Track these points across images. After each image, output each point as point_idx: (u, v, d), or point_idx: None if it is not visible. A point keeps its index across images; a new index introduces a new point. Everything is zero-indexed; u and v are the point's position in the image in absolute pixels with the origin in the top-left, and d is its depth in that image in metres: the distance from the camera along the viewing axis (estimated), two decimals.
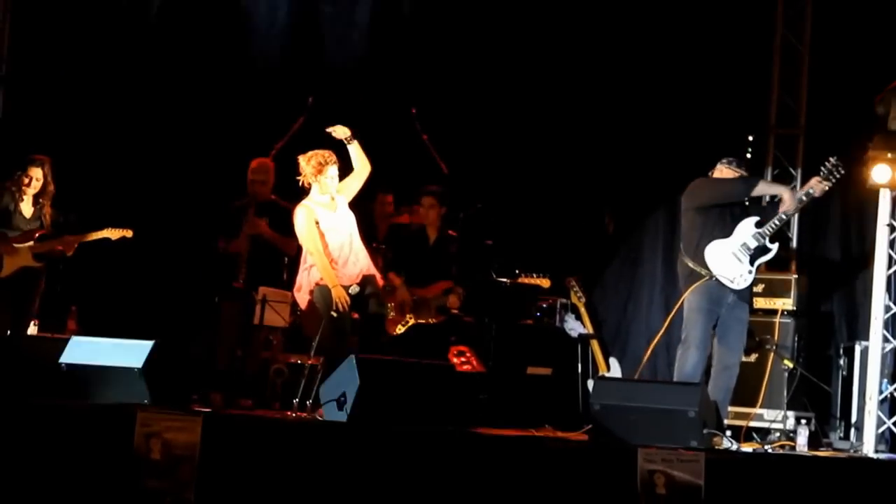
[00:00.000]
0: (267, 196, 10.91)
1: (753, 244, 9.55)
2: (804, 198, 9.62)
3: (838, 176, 9.57)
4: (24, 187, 10.56)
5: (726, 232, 9.59)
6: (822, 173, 9.57)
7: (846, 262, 11.92)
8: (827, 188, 9.58)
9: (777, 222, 9.56)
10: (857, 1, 11.79)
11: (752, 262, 9.56)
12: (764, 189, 10.09)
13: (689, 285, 9.61)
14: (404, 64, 12.58)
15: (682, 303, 9.64)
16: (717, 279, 9.53)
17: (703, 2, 12.16)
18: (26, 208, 10.63)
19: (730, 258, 9.57)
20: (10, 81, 13.02)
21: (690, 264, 9.61)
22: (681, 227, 9.87)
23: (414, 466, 8.09)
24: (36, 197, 10.63)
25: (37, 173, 10.58)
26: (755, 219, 9.61)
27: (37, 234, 10.53)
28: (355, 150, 9.77)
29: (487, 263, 11.37)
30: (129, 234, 10.61)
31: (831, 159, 9.58)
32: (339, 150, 9.81)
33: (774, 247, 9.63)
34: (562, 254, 12.08)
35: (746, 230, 9.59)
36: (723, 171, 9.70)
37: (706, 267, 9.55)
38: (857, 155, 10.83)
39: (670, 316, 9.84)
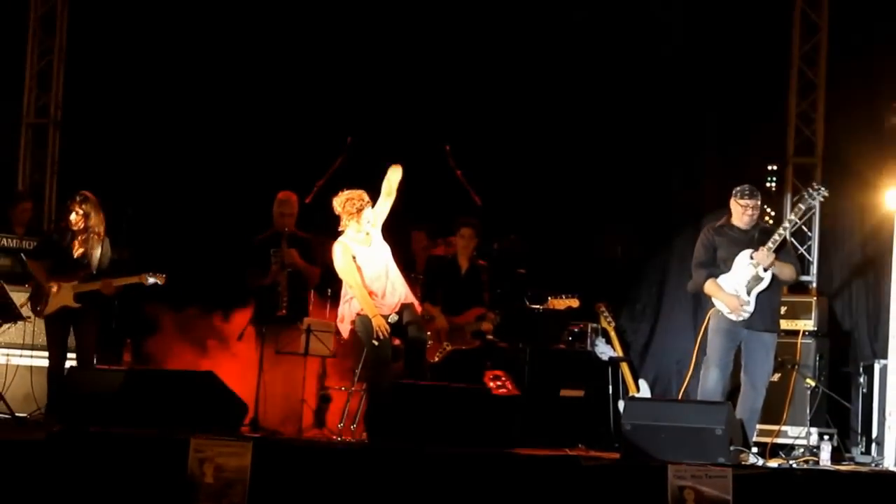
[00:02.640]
0: (292, 228, 11.02)
1: (747, 276, 9.58)
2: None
3: (821, 199, 9.78)
4: (70, 227, 10.39)
5: (729, 267, 9.64)
6: (802, 199, 9.78)
7: (864, 284, 11.89)
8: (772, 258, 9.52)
9: (777, 238, 9.50)
10: (870, 35, 11.81)
11: (748, 294, 9.58)
12: (709, 290, 9.71)
13: (709, 308, 9.77)
14: (438, 102, 12.64)
15: (707, 325, 9.75)
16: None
17: (724, 41, 12.21)
18: (76, 248, 10.43)
19: (730, 292, 9.63)
20: (66, 125, 13.19)
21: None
22: None
23: (454, 486, 8.14)
24: (83, 235, 10.42)
25: (76, 209, 10.35)
26: (749, 251, 9.60)
27: (81, 275, 10.36)
28: (395, 175, 9.75)
29: (521, 291, 11.42)
30: (161, 280, 10.37)
31: (814, 184, 9.77)
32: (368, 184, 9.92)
33: (767, 275, 9.57)
34: (591, 280, 12.11)
35: (741, 263, 9.62)
36: (732, 202, 9.71)
37: (710, 300, 9.71)
38: (872, 181, 10.87)
39: (698, 340, 9.89)
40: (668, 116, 12.39)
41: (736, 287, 9.57)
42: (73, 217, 10.36)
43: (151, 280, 10.37)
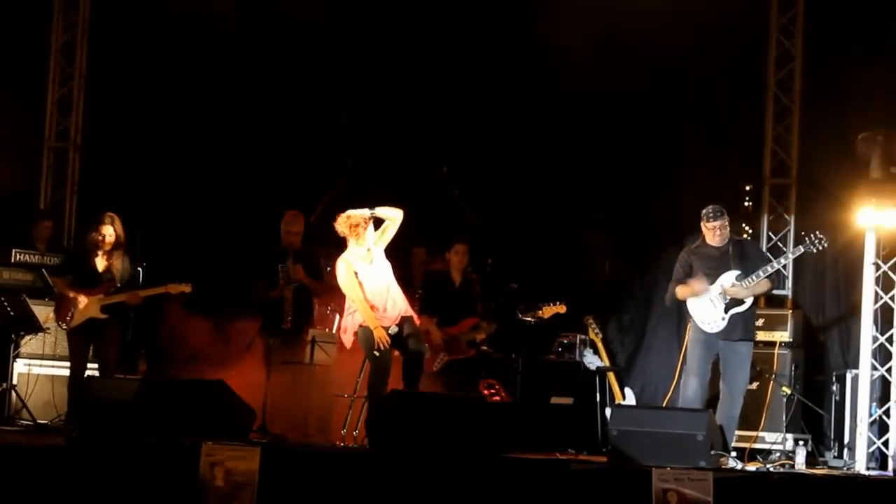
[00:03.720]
0: (298, 245, 11.07)
1: (728, 294, 9.65)
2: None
3: (820, 248, 9.76)
4: (100, 245, 10.52)
5: (710, 281, 9.71)
6: (804, 243, 9.81)
7: (837, 298, 11.91)
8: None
9: (754, 278, 9.66)
10: (842, 64, 11.85)
11: (726, 311, 9.65)
12: (680, 292, 9.88)
13: (689, 320, 9.87)
14: (436, 126, 12.67)
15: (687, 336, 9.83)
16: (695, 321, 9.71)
17: (704, 69, 12.27)
18: (100, 263, 10.57)
19: (706, 304, 9.73)
20: (85, 148, 13.22)
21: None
22: None
23: (451, 488, 8.16)
24: (108, 252, 10.57)
25: (108, 230, 10.51)
26: (736, 272, 9.70)
27: (107, 288, 10.50)
28: (382, 212, 9.81)
29: (513, 305, 11.43)
30: (187, 289, 10.51)
31: (816, 233, 9.77)
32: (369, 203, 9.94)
33: (749, 300, 9.70)
34: (581, 294, 12.12)
35: (726, 282, 9.68)
36: (702, 225, 9.81)
37: (687, 310, 9.80)
38: (844, 201, 10.90)
39: (682, 351, 9.94)
40: (652, 139, 12.43)
41: (712, 298, 9.65)
42: (108, 238, 10.50)
43: (177, 289, 10.45)
